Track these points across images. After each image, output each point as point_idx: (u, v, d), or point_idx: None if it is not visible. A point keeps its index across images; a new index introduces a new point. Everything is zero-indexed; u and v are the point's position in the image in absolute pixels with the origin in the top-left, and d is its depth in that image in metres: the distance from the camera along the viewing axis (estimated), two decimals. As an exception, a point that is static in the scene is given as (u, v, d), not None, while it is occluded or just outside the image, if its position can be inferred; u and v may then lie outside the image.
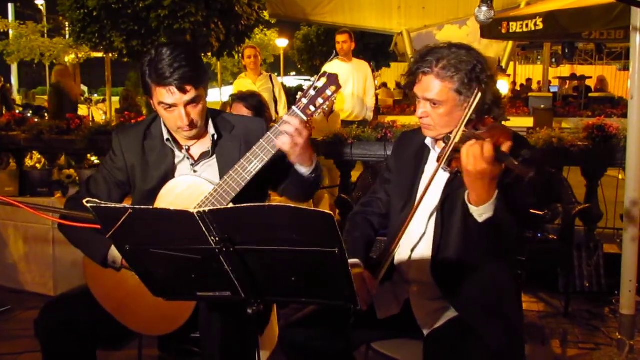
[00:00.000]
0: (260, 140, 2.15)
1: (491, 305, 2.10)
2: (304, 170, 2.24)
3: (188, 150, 2.38)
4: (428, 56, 2.10)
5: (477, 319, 2.06)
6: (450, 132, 2.11)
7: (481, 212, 1.88)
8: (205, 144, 2.39)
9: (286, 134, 2.09)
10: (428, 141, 2.27)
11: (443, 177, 2.14)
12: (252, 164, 2.15)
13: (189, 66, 2.16)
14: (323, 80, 2.16)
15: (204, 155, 2.38)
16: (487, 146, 1.78)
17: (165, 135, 2.36)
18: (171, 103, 2.19)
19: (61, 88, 9.23)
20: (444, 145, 2.12)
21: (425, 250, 2.21)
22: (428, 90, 2.10)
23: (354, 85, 6.51)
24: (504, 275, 2.20)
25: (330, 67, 6.63)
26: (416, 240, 2.24)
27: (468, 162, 1.80)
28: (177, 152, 2.38)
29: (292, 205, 1.50)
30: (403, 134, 2.51)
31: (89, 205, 1.61)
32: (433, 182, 2.11)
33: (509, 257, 2.29)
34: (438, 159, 2.08)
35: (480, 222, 1.89)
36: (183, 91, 2.16)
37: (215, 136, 2.37)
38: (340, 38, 6.55)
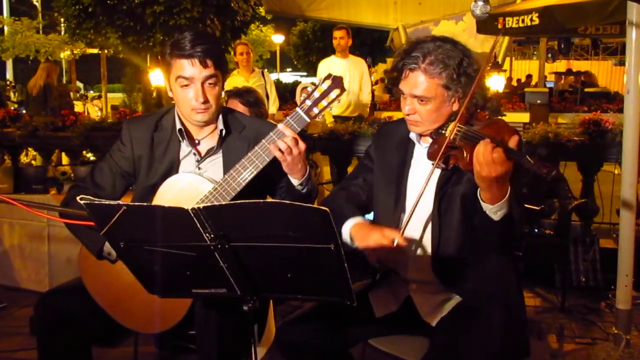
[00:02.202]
0: (263, 140, 2.15)
1: (494, 293, 2.10)
2: (294, 181, 2.24)
3: (197, 145, 2.38)
4: (414, 52, 2.06)
5: (481, 301, 2.06)
6: (440, 128, 2.10)
7: (496, 210, 1.87)
8: (213, 139, 2.38)
9: (282, 142, 2.10)
10: (412, 135, 2.23)
11: (434, 174, 2.12)
12: (254, 163, 2.15)
13: (211, 44, 2.21)
14: (328, 82, 2.15)
15: (210, 151, 2.36)
16: (497, 150, 1.76)
17: (178, 125, 2.35)
18: (190, 76, 2.19)
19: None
20: (432, 140, 2.10)
21: (421, 249, 2.19)
22: (415, 87, 2.07)
23: (350, 82, 6.51)
24: (505, 267, 2.20)
25: (326, 63, 6.65)
26: (412, 237, 2.20)
27: (482, 169, 1.79)
28: (183, 147, 2.37)
29: (288, 202, 1.50)
30: (383, 125, 2.50)
31: (82, 202, 1.60)
32: (423, 179, 2.10)
33: (510, 248, 2.28)
34: (429, 156, 2.06)
35: (496, 220, 1.89)
36: (204, 64, 2.18)
37: (224, 131, 2.35)
38: (337, 34, 6.55)
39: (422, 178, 2.11)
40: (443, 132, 2.08)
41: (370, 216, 2.37)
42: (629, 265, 3.30)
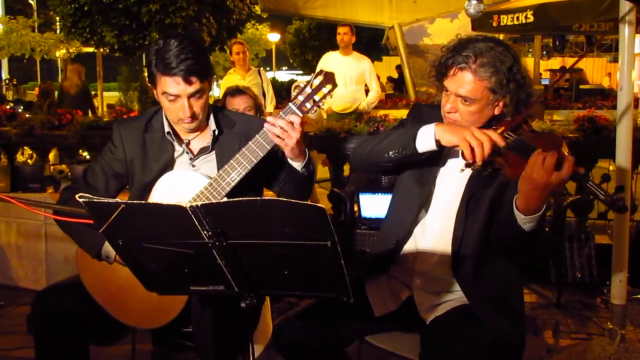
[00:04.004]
0: (257, 135, 2.17)
1: (502, 298, 2.11)
2: (296, 165, 2.25)
3: (188, 144, 2.39)
4: (465, 50, 2.01)
5: (486, 309, 2.06)
6: None
7: (526, 221, 1.86)
8: (205, 139, 2.39)
9: (280, 129, 2.10)
10: None
11: (464, 172, 2.08)
12: (248, 158, 2.16)
13: (195, 58, 2.18)
14: (320, 78, 2.17)
15: (203, 150, 2.38)
16: (569, 162, 1.73)
17: (166, 128, 2.37)
18: (175, 94, 2.19)
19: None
20: None
21: (439, 244, 2.17)
22: (462, 86, 2.02)
23: (349, 79, 6.51)
24: (513, 269, 2.21)
25: (328, 58, 6.65)
26: (430, 232, 2.20)
27: (535, 171, 1.74)
28: (176, 146, 2.38)
29: (285, 199, 1.51)
30: (418, 106, 2.40)
31: (81, 200, 1.61)
32: (454, 176, 2.10)
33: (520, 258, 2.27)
34: (464, 155, 1.98)
35: (526, 231, 1.87)
36: (188, 82, 2.18)
37: (216, 131, 2.37)
38: (341, 30, 6.56)
39: (451, 172, 2.12)
40: None
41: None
42: (623, 260, 3.32)
